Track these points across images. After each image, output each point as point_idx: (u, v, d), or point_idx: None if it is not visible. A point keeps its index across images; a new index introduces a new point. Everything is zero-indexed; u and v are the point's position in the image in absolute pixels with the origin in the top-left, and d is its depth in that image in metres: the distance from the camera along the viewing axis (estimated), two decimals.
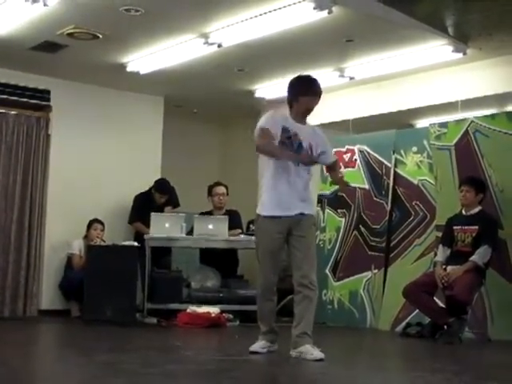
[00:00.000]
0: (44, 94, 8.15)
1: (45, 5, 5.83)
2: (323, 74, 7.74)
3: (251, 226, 7.87)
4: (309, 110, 4.96)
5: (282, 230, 4.84)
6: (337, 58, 7.38)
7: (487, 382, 3.95)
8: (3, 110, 7.98)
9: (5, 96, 7.91)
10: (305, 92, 4.91)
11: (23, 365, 4.28)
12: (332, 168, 5.21)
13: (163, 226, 7.59)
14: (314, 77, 5.05)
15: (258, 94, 8.55)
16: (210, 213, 8.22)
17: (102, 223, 8.09)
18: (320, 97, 4.95)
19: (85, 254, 7.83)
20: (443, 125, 7.24)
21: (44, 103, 8.17)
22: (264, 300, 4.91)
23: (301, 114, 4.96)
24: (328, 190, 8.10)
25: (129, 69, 7.73)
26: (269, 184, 4.89)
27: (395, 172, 7.64)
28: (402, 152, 7.62)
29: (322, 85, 4.92)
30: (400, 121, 8.73)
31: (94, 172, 8.43)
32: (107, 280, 7.04)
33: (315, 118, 7.77)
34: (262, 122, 4.92)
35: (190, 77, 7.98)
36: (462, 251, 6.33)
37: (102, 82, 8.37)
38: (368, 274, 7.63)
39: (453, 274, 6.21)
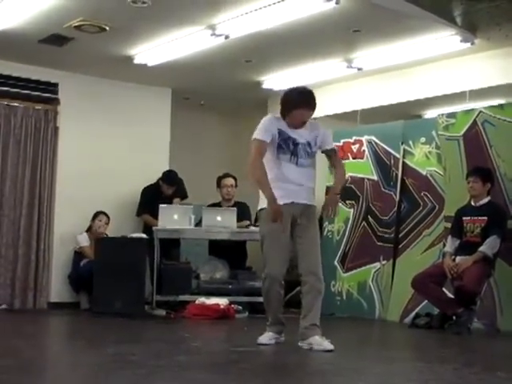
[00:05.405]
0: (52, 87, 8.16)
1: None
2: (331, 65, 7.74)
3: None
4: (303, 122, 4.88)
5: (286, 219, 4.81)
6: (344, 48, 7.35)
7: (496, 372, 3.94)
8: (12, 103, 7.99)
9: (13, 89, 7.92)
10: (297, 105, 4.82)
11: (33, 356, 4.30)
12: (332, 158, 5.10)
13: (172, 218, 7.60)
14: (309, 88, 4.94)
15: (265, 85, 8.52)
16: (218, 204, 8.22)
17: (107, 216, 8.10)
18: (314, 109, 4.87)
19: (91, 245, 7.87)
20: (452, 115, 7.22)
21: (52, 96, 8.18)
22: (271, 292, 4.89)
23: (294, 125, 4.89)
24: None
25: (136, 61, 7.72)
26: (272, 177, 4.84)
27: (403, 163, 7.62)
28: (411, 143, 7.60)
29: (330, 76, 4.86)
30: (408, 111, 8.71)
31: (102, 165, 8.43)
32: (116, 272, 7.07)
33: (323, 109, 7.82)
34: (261, 131, 4.83)
35: (197, 68, 7.97)
36: (471, 242, 6.33)
37: (110, 74, 8.37)
38: (377, 265, 7.62)
39: (462, 264, 6.21)
